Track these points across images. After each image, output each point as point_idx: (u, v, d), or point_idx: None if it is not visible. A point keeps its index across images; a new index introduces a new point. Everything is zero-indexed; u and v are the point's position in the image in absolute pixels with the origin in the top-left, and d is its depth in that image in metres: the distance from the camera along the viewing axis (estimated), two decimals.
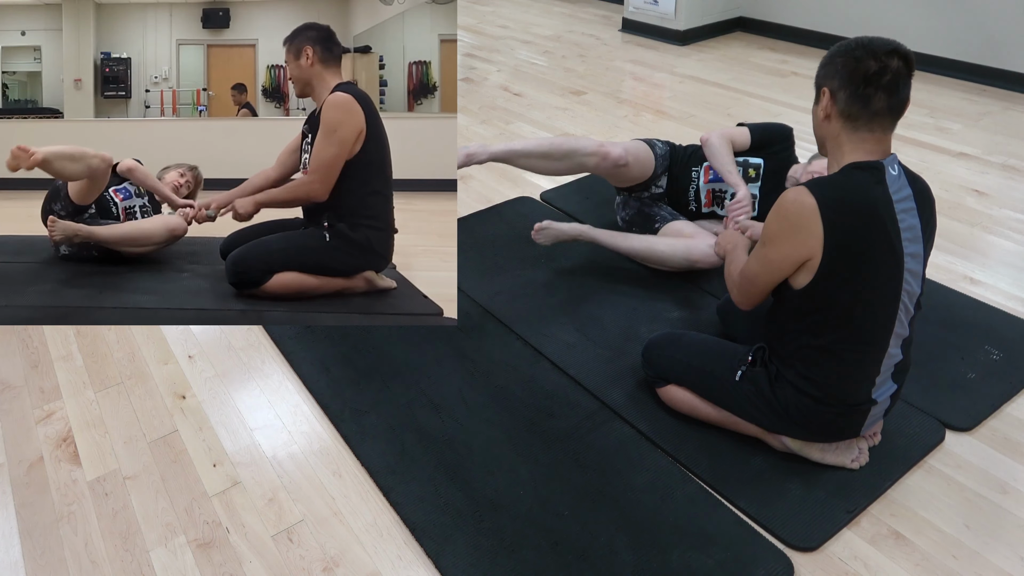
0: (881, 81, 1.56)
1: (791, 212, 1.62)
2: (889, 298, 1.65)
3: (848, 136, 1.63)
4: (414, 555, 1.72)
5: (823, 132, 1.69)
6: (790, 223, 1.62)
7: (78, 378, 2.27)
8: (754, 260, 1.75)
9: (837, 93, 1.61)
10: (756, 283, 1.76)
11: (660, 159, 2.72)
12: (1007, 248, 2.85)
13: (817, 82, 1.68)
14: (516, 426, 2.04)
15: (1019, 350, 2.27)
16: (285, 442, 2.04)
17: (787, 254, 1.65)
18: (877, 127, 1.61)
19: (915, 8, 4.63)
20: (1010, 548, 1.70)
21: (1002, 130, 3.85)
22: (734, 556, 1.68)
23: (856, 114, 1.60)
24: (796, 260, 1.64)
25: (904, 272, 1.64)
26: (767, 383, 1.81)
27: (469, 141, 3.92)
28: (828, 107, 1.64)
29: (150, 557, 1.73)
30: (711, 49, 5.33)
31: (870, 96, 1.58)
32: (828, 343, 1.69)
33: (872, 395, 1.75)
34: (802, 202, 1.60)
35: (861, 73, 1.57)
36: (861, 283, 1.63)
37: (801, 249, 1.62)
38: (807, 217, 1.59)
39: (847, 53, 1.60)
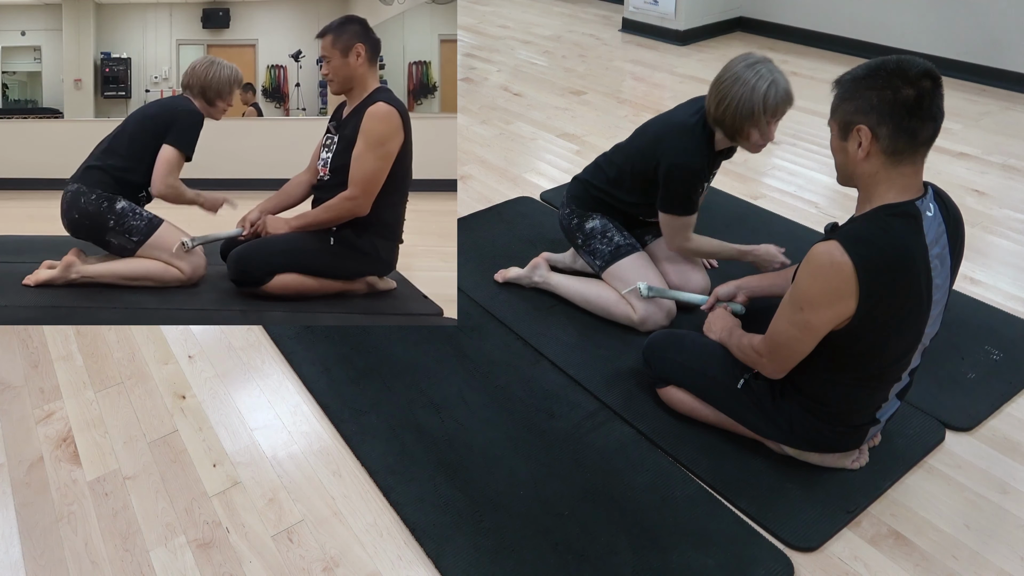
0: (923, 109, 1.44)
1: (829, 275, 1.50)
2: (911, 342, 1.63)
3: (887, 173, 1.50)
4: (414, 555, 1.72)
5: (858, 171, 1.53)
6: (829, 287, 1.51)
7: (78, 378, 2.27)
8: (790, 326, 1.61)
9: (877, 129, 1.46)
10: (796, 349, 1.63)
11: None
12: (1007, 248, 2.85)
13: (844, 118, 1.52)
14: (516, 426, 2.04)
15: (1019, 350, 2.27)
16: (285, 442, 2.04)
17: (828, 320, 1.55)
18: (919, 158, 1.50)
19: (915, 8, 4.63)
20: (1010, 548, 1.70)
21: (1002, 130, 3.85)
22: (734, 556, 1.68)
23: (902, 149, 1.47)
24: (835, 320, 1.55)
25: (929, 318, 1.60)
26: (769, 396, 1.80)
27: (469, 141, 3.93)
28: (869, 146, 1.48)
29: (150, 557, 1.73)
30: (711, 49, 5.33)
31: (916, 129, 1.45)
32: (844, 379, 1.67)
33: (876, 416, 1.75)
34: (839, 265, 1.48)
35: (902, 104, 1.43)
36: (886, 332, 1.57)
37: (841, 311, 1.53)
38: (844, 281, 1.49)
39: (877, 83, 1.45)
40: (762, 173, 3.49)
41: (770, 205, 3.19)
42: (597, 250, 2.44)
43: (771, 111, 2.05)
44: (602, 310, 2.43)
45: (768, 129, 2.10)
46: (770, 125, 2.10)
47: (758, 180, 3.42)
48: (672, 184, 2.24)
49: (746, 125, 2.08)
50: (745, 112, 2.05)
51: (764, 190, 3.33)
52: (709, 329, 2.00)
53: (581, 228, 2.48)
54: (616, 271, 2.39)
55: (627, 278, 2.36)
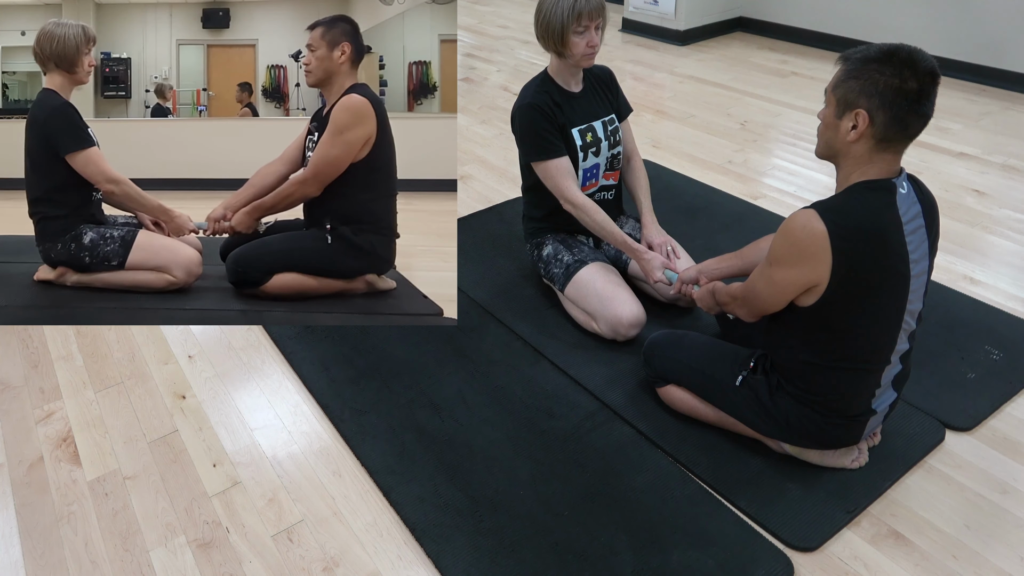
0: (920, 104, 1.47)
1: (800, 238, 1.55)
2: (893, 320, 1.64)
3: (870, 156, 1.54)
4: (414, 555, 1.72)
5: (844, 150, 1.57)
6: (798, 249, 1.56)
7: (78, 378, 2.27)
8: (759, 278, 1.70)
9: (875, 114, 1.49)
10: (761, 300, 1.72)
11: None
12: (1007, 248, 2.85)
13: (844, 96, 1.53)
14: (516, 426, 2.04)
15: (1019, 350, 2.27)
16: (285, 442, 2.04)
17: (793, 279, 1.60)
18: (903, 148, 1.55)
19: (915, 8, 4.63)
20: (1010, 548, 1.70)
21: (1002, 130, 3.85)
22: (734, 556, 1.68)
23: (892, 137, 1.51)
24: (802, 285, 1.60)
25: (909, 294, 1.62)
26: (767, 392, 1.80)
27: (469, 141, 3.92)
28: (864, 129, 1.51)
29: (150, 557, 1.73)
30: (711, 49, 5.33)
31: (911, 122, 1.49)
32: (829, 361, 1.68)
33: (872, 405, 1.75)
34: (812, 228, 1.53)
35: (904, 95, 1.46)
36: (866, 308, 1.60)
37: (809, 275, 1.58)
38: (817, 245, 1.53)
39: (887, 69, 1.47)
40: (762, 173, 3.49)
41: (770, 205, 3.19)
42: (554, 275, 2.43)
43: (577, 14, 2.14)
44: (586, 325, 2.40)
45: (588, 34, 2.19)
46: (588, 29, 2.18)
47: (758, 180, 3.42)
48: (518, 131, 2.32)
49: (566, 34, 2.18)
50: (556, 20, 2.16)
51: (764, 190, 3.33)
52: (705, 308, 2.01)
53: (541, 258, 2.49)
54: (572, 290, 2.36)
55: (583, 293, 2.32)
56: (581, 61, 2.24)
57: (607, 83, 2.47)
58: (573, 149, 2.32)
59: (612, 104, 2.45)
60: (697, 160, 3.63)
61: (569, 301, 2.42)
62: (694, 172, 3.50)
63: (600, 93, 2.43)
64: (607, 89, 2.46)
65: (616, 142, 2.42)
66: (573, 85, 2.35)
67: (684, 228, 2.94)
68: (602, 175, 2.43)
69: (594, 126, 2.36)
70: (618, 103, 2.48)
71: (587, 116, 2.35)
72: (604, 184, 2.45)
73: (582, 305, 2.34)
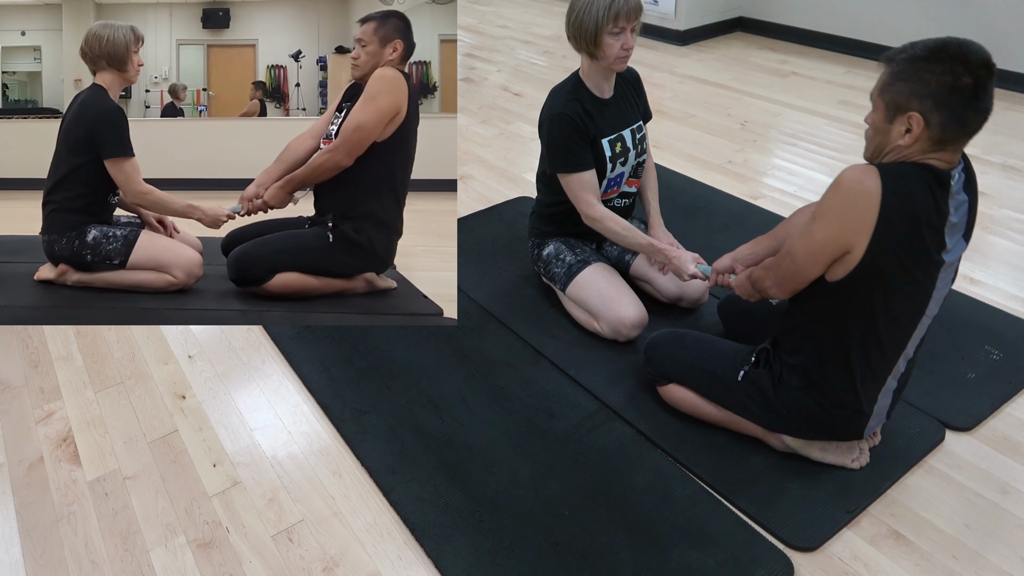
0: (978, 100, 1.40)
1: (850, 192, 1.46)
2: (913, 313, 1.61)
3: (928, 156, 1.47)
4: (414, 555, 1.72)
5: (898, 153, 1.49)
6: (847, 202, 1.46)
7: (78, 378, 2.27)
8: (799, 236, 1.59)
9: (930, 116, 1.41)
10: (795, 264, 1.61)
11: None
12: (1007, 248, 2.85)
13: (893, 100, 1.45)
14: (516, 426, 2.04)
15: (1019, 350, 2.27)
16: (285, 442, 2.04)
17: (832, 237, 1.50)
18: (963, 143, 1.45)
19: (915, 8, 4.63)
20: (1010, 548, 1.70)
21: (1002, 130, 3.85)
22: (734, 556, 1.68)
23: (950, 138, 1.43)
24: (838, 247, 1.51)
25: (934, 292, 1.59)
26: (770, 384, 1.80)
27: (469, 141, 3.93)
28: (919, 132, 1.43)
29: (150, 557, 1.73)
30: (711, 49, 5.33)
31: (969, 119, 1.41)
32: (843, 350, 1.66)
33: (874, 403, 1.75)
34: (866, 185, 1.44)
35: (959, 92, 1.39)
36: (892, 291, 1.55)
37: (849, 235, 1.48)
38: (866, 202, 1.44)
39: (938, 67, 1.40)
40: (762, 173, 3.49)
41: (770, 205, 3.19)
42: (555, 275, 2.43)
43: (614, 14, 2.06)
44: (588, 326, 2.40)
45: (624, 36, 2.10)
46: (624, 31, 2.10)
47: (758, 180, 3.42)
48: (545, 139, 2.27)
49: (600, 35, 2.09)
50: (590, 20, 2.08)
51: (764, 190, 3.33)
52: (745, 295, 1.90)
53: (541, 257, 2.49)
54: (574, 290, 2.35)
55: (585, 293, 2.32)
56: (614, 64, 2.16)
57: (635, 86, 2.43)
58: (602, 160, 2.26)
59: (639, 108, 2.41)
60: (697, 160, 3.63)
61: (570, 301, 2.41)
62: (694, 172, 3.50)
63: (630, 98, 2.38)
64: (636, 92, 2.42)
65: (643, 150, 2.39)
66: (606, 91, 2.27)
67: (684, 228, 2.94)
68: (624, 182, 2.40)
69: (623, 135, 2.31)
70: (644, 107, 2.45)
71: (617, 124, 2.30)
72: (625, 191, 2.42)
73: (584, 305, 2.34)
